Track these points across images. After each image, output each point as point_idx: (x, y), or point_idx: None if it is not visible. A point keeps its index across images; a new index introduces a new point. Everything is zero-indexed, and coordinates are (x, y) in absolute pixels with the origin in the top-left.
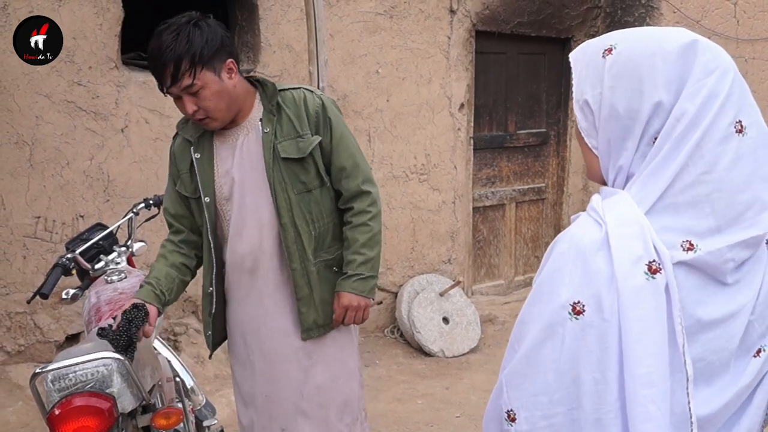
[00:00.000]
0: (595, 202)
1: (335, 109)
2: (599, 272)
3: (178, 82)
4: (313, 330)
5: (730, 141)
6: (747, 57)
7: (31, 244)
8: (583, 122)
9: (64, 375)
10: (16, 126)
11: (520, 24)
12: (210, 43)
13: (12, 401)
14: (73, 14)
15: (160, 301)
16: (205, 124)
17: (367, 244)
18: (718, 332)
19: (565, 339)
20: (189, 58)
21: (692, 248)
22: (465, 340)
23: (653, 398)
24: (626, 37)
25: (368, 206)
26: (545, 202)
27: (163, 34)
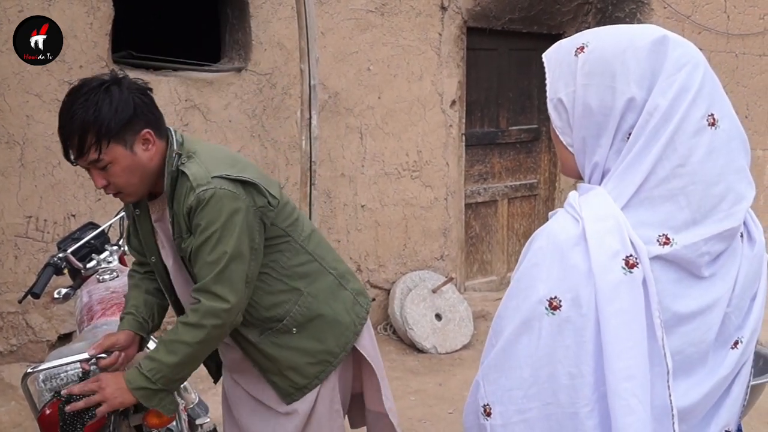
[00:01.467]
0: (572, 198)
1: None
2: (576, 267)
3: (83, 155)
4: (294, 394)
5: (702, 134)
6: (737, 52)
7: (23, 243)
8: (558, 121)
9: (56, 375)
10: (6, 126)
11: (511, 20)
12: (120, 114)
13: (4, 401)
14: (63, 13)
15: (145, 329)
16: (120, 198)
17: (167, 344)
18: (695, 324)
19: (542, 334)
20: (95, 131)
21: (668, 242)
22: (458, 337)
23: (634, 391)
24: (597, 35)
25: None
26: (537, 198)
27: (73, 98)
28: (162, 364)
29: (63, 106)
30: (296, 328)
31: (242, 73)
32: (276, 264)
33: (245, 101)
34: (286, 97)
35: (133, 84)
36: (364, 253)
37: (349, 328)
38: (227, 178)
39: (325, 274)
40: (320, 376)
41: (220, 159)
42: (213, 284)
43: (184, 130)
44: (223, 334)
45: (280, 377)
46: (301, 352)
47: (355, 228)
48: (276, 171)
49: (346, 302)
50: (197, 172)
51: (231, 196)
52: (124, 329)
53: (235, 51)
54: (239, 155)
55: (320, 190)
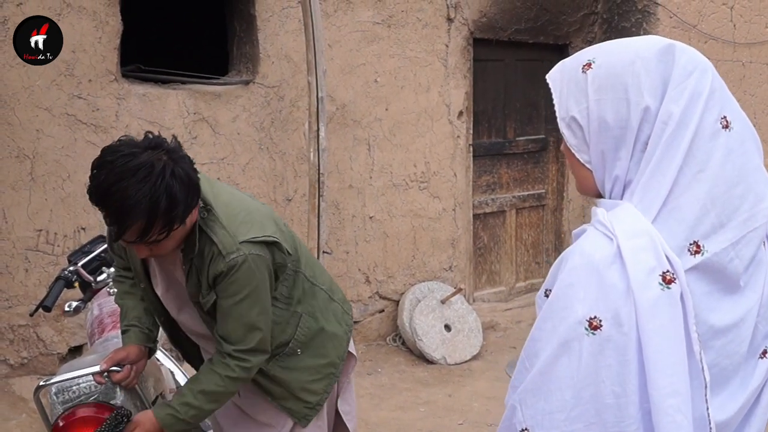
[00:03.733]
0: (600, 215)
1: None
2: (614, 286)
3: (144, 237)
4: (310, 414)
5: (718, 137)
6: (744, 61)
7: (33, 257)
8: (572, 139)
9: (68, 387)
10: (17, 140)
11: (517, 31)
12: (190, 200)
13: (15, 414)
14: (72, 28)
15: (151, 339)
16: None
17: (208, 396)
18: (731, 337)
19: (583, 354)
20: (167, 218)
21: (699, 250)
22: (467, 347)
23: (679, 407)
24: (602, 50)
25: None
26: (545, 208)
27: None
28: (202, 411)
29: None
30: (300, 349)
31: (250, 86)
32: (279, 295)
33: (253, 114)
34: (293, 109)
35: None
36: (372, 264)
37: (343, 337)
38: (253, 241)
39: (319, 292)
40: (327, 390)
41: (237, 215)
42: (258, 344)
43: (193, 143)
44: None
45: (294, 401)
46: (308, 371)
47: (364, 239)
48: (284, 183)
49: (336, 313)
50: (224, 239)
51: (260, 261)
52: (131, 343)
53: (243, 64)
54: (249, 200)
55: (328, 202)
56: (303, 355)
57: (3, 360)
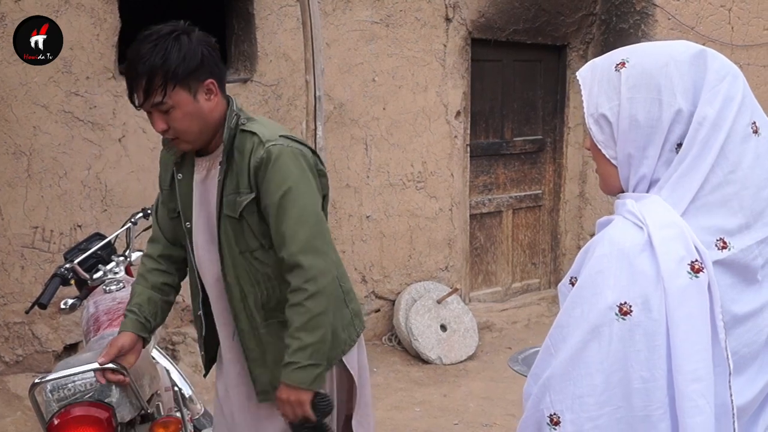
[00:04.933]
0: (630, 205)
1: (286, 161)
2: (644, 273)
3: (149, 98)
4: (270, 392)
5: (749, 141)
6: (742, 63)
7: (29, 254)
8: (600, 135)
9: (63, 385)
10: (13, 136)
11: (515, 31)
12: (187, 61)
13: (10, 411)
14: (70, 25)
15: (146, 329)
16: (175, 145)
17: (305, 328)
18: (749, 326)
19: (612, 339)
20: (162, 74)
21: (726, 246)
22: (463, 348)
23: (702, 392)
24: (636, 51)
25: (303, 283)
26: (542, 209)
27: (143, 43)
28: (312, 345)
29: (132, 51)
30: None
31: (248, 84)
32: None
33: (251, 112)
34: (291, 108)
35: (202, 36)
36: (369, 263)
37: (339, 345)
38: (293, 138)
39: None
40: None
41: (279, 127)
42: (310, 241)
43: None
44: (338, 290)
45: (263, 370)
46: None
47: (360, 239)
48: None
49: (344, 319)
50: (264, 131)
51: (300, 154)
52: (126, 330)
53: (241, 62)
54: None
55: None
56: None
57: None
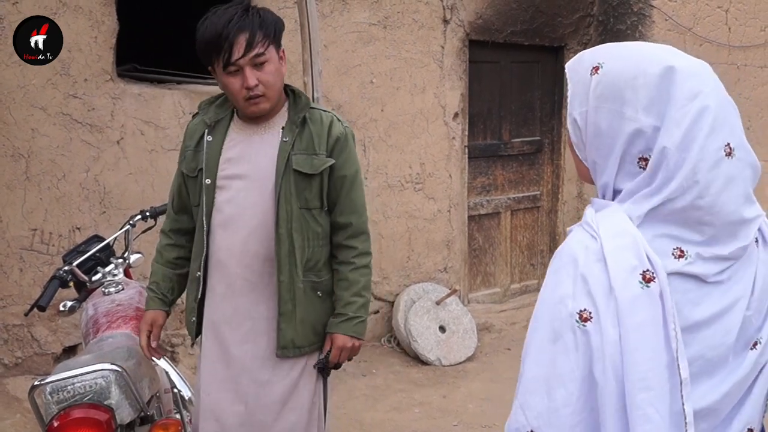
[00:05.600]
0: (588, 216)
1: (354, 146)
2: (598, 283)
3: (250, 50)
4: (289, 349)
5: (721, 165)
6: (739, 64)
7: (28, 256)
8: (574, 137)
9: (63, 387)
10: (12, 139)
11: (513, 33)
12: (278, 24)
13: (10, 414)
14: (68, 27)
15: (166, 303)
16: (258, 103)
17: (367, 287)
18: (714, 329)
19: (579, 346)
20: (263, 30)
21: (683, 255)
22: (462, 349)
23: (651, 401)
24: (612, 55)
25: (369, 248)
26: (540, 210)
27: (225, 14)
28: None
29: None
30: (321, 293)
31: None
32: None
33: None
34: None
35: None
36: None
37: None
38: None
39: None
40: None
41: None
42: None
43: None
44: None
45: (289, 325)
46: (315, 314)
47: None
48: None
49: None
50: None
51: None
52: (150, 308)
53: None
54: None
55: None
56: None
57: None
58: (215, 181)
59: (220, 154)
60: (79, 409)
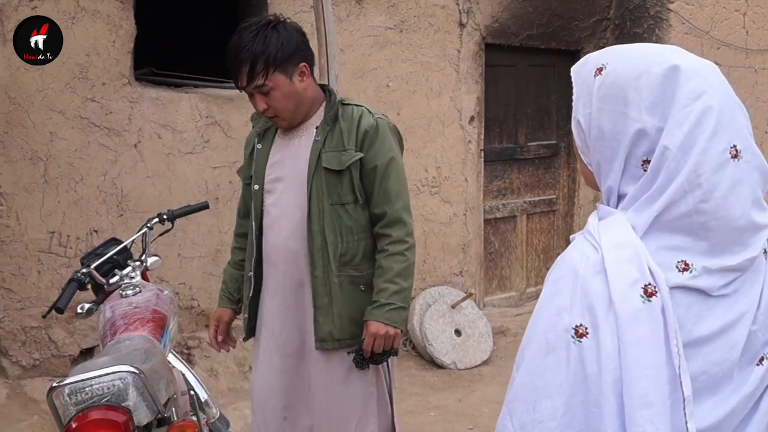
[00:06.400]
0: (591, 224)
1: (390, 134)
2: (598, 295)
3: (252, 81)
4: (328, 342)
5: (726, 167)
6: (757, 67)
7: (46, 259)
8: (578, 140)
9: (81, 389)
10: (30, 142)
11: (529, 36)
12: (285, 47)
13: (27, 415)
14: (86, 31)
15: (232, 302)
16: (274, 122)
17: (402, 274)
18: (718, 343)
19: (571, 362)
20: (263, 59)
21: (687, 268)
22: (477, 352)
23: (651, 418)
24: (616, 56)
25: (405, 236)
26: (556, 214)
27: (244, 33)
28: (406, 289)
29: (234, 41)
30: (364, 286)
31: None
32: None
33: None
34: None
35: (296, 25)
36: None
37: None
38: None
39: None
40: (354, 342)
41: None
42: (408, 203)
43: (205, 147)
44: None
45: (326, 318)
46: (354, 308)
47: None
48: None
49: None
50: (365, 108)
51: (397, 132)
52: (220, 306)
53: None
54: None
55: None
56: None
57: (15, 361)
58: (263, 186)
59: (267, 161)
60: (97, 410)
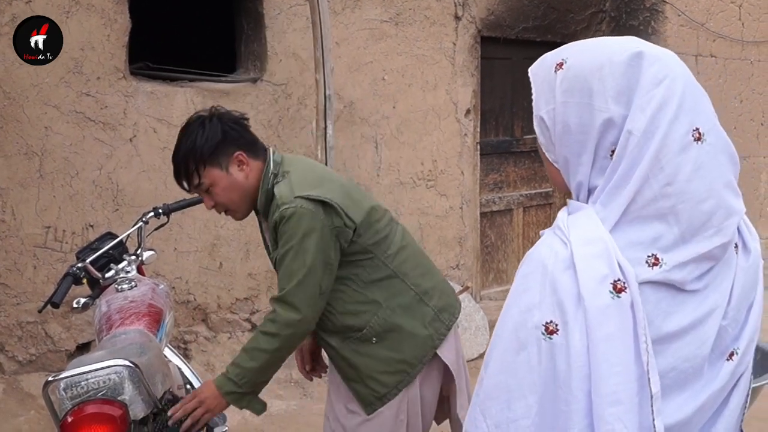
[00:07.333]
0: (560, 219)
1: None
2: (567, 291)
3: (190, 182)
4: (375, 403)
5: (689, 150)
6: (753, 59)
7: (42, 254)
8: (542, 138)
9: (77, 383)
10: (25, 137)
11: (525, 29)
12: (209, 141)
13: (24, 410)
14: (80, 25)
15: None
16: (231, 216)
17: (247, 351)
18: (687, 339)
19: (542, 359)
20: (192, 158)
21: (657, 263)
22: (474, 345)
23: (619, 416)
24: (577, 50)
25: (269, 322)
26: (553, 207)
27: (180, 135)
28: (245, 370)
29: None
30: (376, 338)
31: (258, 84)
32: (356, 277)
33: (261, 111)
34: (301, 107)
35: (227, 115)
36: None
37: (427, 342)
38: (308, 198)
39: (406, 290)
40: (399, 386)
41: (309, 179)
42: (290, 296)
43: None
44: (298, 341)
45: (361, 385)
46: (379, 361)
47: None
48: None
49: (425, 317)
50: (283, 191)
51: (309, 215)
52: None
53: (251, 62)
54: (333, 174)
55: None
56: (377, 345)
57: (11, 357)
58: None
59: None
60: (93, 404)
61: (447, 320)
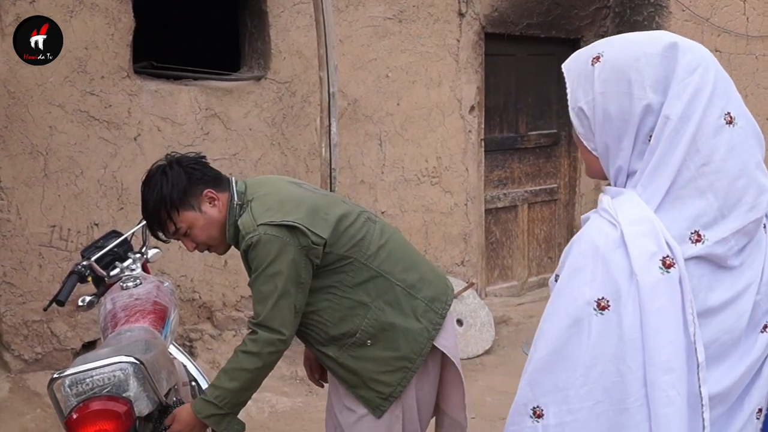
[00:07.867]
0: (605, 202)
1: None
2: (619, 269)
3: (166, 230)
4: (383, 404)
5: (722, 132)
6: (757, 54)
7: (47, 252)
8: (580, 128)
9: (82, 380)
10: (30, 136)
11: (529, 25)
12: (177, 186)
13: (30, 409)
14: (84, 25)
15: None
16: (214, 252)
17: (227, 372)
18: (728, 312)
19: (592, 334)
20: (164, 207)
21: (700, 239)
22: (479, 342)
23: (673, 383)
24: (612, 44)
25: (249, 341)
26: (557, 203)
27: (143, 188)
28: (225, 391)
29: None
30: (370, 340)
31: (262, 82)
32: (340, 284)
33: (265, 109)
34: (305, 104)
35: (185, 158)
36: None
37: (422, 333)
38: (270, 224)
39: (392, 287)
40: (402, 383)
41: (269, 205)
42: (267, 321)
43: (205, 139)
44: (277, 360)
45: (365, 389)
46: (378, 362)
47: None
48: (296, 178)
49: (416, 310)
50: (246, 222)
51: (274, 240)
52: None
53: (255, 60)
54: (295, 193)
55: None
56: (373, 347)
57: (17, 355)
58: None
59: None
60: (98, 401)
61: (439, 309)
